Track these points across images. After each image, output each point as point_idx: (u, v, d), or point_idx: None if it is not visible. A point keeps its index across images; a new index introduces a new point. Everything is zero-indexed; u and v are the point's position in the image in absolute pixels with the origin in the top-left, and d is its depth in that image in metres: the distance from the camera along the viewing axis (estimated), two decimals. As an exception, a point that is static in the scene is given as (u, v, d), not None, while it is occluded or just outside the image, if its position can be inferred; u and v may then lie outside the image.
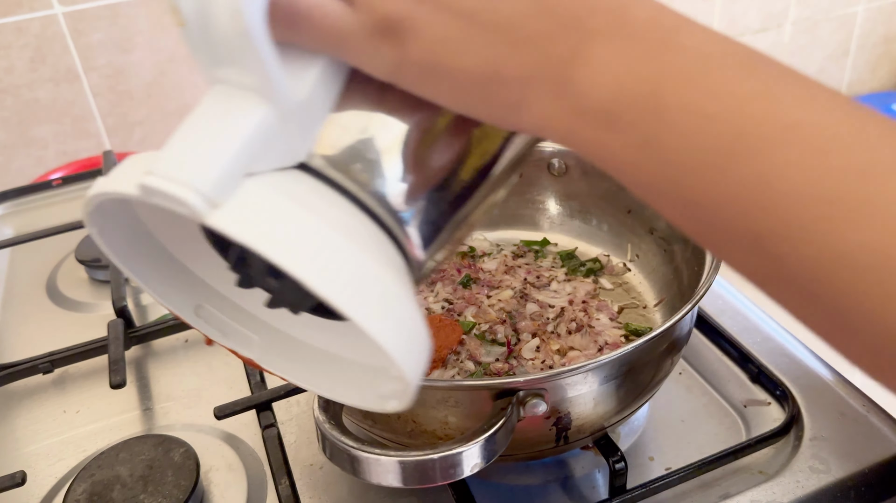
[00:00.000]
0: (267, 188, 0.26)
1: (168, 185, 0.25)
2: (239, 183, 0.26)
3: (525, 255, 0.64)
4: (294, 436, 0.54)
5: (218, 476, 0.51)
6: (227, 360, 0.62)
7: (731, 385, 0.55)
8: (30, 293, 0.74)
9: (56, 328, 0.69)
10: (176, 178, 0.25)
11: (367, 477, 0.37)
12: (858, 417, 0.50)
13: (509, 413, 0.38)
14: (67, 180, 0.92)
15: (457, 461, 0.37)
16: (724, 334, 0.58)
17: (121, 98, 1.28)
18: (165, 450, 0.49)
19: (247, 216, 0.25)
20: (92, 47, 1.22)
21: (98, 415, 0.58)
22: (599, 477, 0.49)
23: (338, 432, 0.38)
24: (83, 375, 0.63)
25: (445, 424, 0.42)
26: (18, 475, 0.49)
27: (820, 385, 0.53)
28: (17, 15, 1.16)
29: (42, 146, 1.26)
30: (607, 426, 0.46)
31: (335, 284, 0.25)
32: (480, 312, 0.58)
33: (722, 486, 0.47)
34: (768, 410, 0.53)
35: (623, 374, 0.43)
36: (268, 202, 0.26)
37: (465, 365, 0.53)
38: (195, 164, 0.25)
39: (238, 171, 0.26)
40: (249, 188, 0.26)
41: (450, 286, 0.61)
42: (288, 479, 0.47)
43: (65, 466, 0.54)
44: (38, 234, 0.79)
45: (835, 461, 0.47)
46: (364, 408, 0.32)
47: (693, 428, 0.52)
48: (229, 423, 0.55)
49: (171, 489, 0.47)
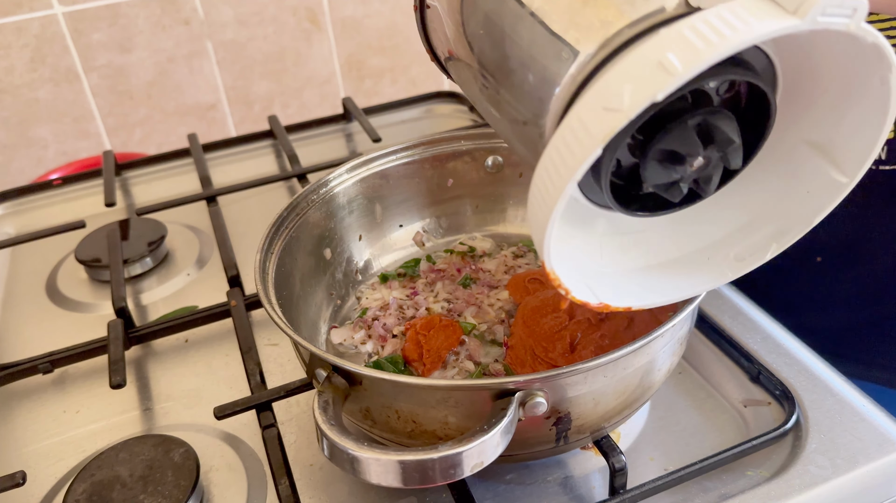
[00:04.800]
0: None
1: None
2: None
3: (525, 255, 0.64)
4: (294, 436, 0.54)
5: (218, 476, 0.51)
6: (227, 360, 0.62)
7: (731, 385, 0.55)
8: (30, 293, 0.74)
9: (56, 328, 0.69)
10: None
11: (366, 477, 0.37)
12: (858, 417, 0.50)
13: (509, 413, 0.38)
14: (67, 180, 0.91)
15: (457, 461, 0.37)
16: (724, 334, 0.58)
17: (120, 98, 1.28)
18: (165, 451, 0.49)
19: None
20: (92, 47, 1.22)
21: (98, 416, 0.58)
22: (599, 477, 0.49)
23: (338, 432, 0.38)
24: (83, 375, 0.63)
25: (445, 424, 0.42)
26: (18, 475, 0.49)
27: (820, 385, 0.53)
28: (17, 15, 1.16)
29: (42, 146, 1.26)
30: (607, 426, 0.46)
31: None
32: (480, 312, 0.58)
33: (722, 487, 0.47)
34: (768, 410, 0.52)
35: (623, 374, 0.43)
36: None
37: (465, 365, 0.53)
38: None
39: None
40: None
41: (450, 286, 0.61)
42: (288, 479, 0.47)
43: (65, 466, 0.54)
44: (38, 233, 0.79)
45: (835, 461, 0.47)
46: (723, 283, 0.38)
47: (693, 428, 0.52)
48: (229, 423, 0.55)
49: (170, 489, 0.47)
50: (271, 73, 1.36)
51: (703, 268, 0.39)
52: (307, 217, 0.57)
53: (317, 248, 0.59)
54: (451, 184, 0.66)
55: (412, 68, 1.46)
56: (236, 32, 1.30)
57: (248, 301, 0.64)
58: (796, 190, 0.36)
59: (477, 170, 0.65)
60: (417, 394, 0.42)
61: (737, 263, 0.38)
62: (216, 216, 0.76)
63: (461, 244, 0.66)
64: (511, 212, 0.67)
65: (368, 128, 0.90)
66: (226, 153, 0.95)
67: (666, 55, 0.26)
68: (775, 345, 0.57)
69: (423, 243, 0.66)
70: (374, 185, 0.63)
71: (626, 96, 0.27)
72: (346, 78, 1.42)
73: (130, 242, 0.77)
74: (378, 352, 0.56)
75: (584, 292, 0.37)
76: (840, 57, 0.30)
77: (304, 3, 1.32)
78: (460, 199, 0.67)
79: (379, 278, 0.63)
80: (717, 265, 0.39)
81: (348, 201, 0.62)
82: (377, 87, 1.46)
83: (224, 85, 1.34)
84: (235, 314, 0.63)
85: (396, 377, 0.41)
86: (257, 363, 0.57)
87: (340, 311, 0.60)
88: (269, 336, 0.64)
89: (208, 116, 1.35)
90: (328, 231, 0.60)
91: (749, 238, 0.38)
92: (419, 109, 1.02)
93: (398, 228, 0.66)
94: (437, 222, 0.67)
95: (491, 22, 0.36)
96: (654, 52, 0.27)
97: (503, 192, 0.66)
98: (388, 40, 1.42)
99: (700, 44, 0.26)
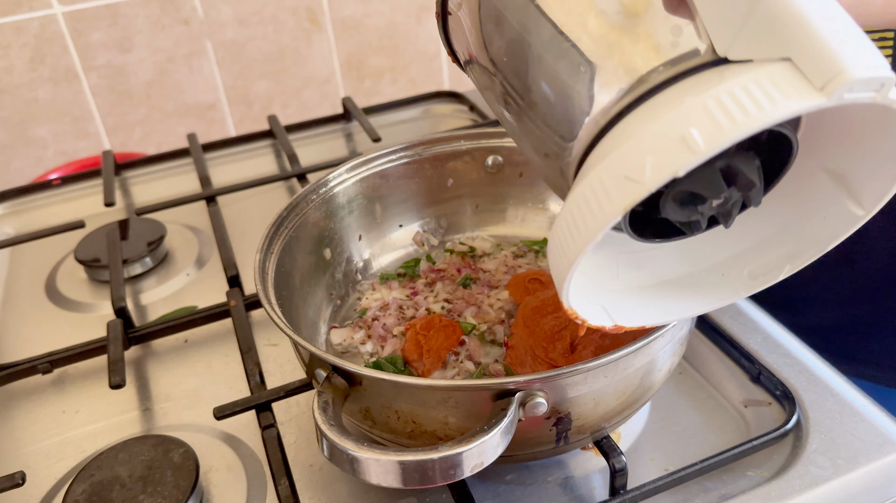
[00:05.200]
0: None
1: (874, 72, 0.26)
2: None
3: (525, 255, 0.64)
4: (294, 437, 0.54)
5: (217, 476, 0.51)
6: (227, 361, 0.62)
7: (731, 385, 0.55)
8: (29, 293, 0.74)
9: (55, 328, 0.69)
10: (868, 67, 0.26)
11: (366, 477, 0.37)
12: (859, 418, 0.50)
13: (509, 413, 0.38)
14: (67, 180, 0.91)
15: (457, 462, 0.37)
16: (724, 334, 0.57)
17: (120, 98, 1.28)
18: (165, 451, 0.49)
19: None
20: (91, 47, 1.22)
21: (97, 416, 0.58)
22: (599, 477, 0.49)
23: (337, 432, 0.38)
24: (82, 376, 0.62)
25: (445, 425, 0.42)
26: (18, 475, 0.49)
27: (821, 385, 0.53)
28: (17, 14, 1.16)
29: (41, 146, 1.26)
30: (608, 426, 0.45)
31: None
32: (480, 312, 0.58)
33: (722, 487, 0.47)
34: (769, 411, 0.52)
35: (624, 375, 0.43)
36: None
37: (465, 365, 0.53)
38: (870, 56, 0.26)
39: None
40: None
41: (450, 286, 0.61)
42: (287, 480, 0.47)
43: (64, 467, 0.54)
44: (38, 233, 0.78)
45: (835, 462, 0.47)
46: (734, 301, 0.38)
47: (693, 428, 0.52)
48: (229, 424, 0.55)
49: (170, 490, 0.47)
50: (271, 72, 1.36)
51: (717, 285, 0.39)
52: (307, 217, 0.57)
53: (316, 248, 0.59)
54: (450, 184, 0.66)
55: (412, 68, 1.46)
56: (236, 32, 1.30)
57: (248, 301, 0.64)
58: (813, 215, 0.36)
59: (477, 169, 0.65)
60: (417, 395, 0.42)
61: (750, 281, 0.38)
62: (216, 216, 0.76)
63: (461, 244, 0.66)
64: (511, 212, 0.67)
65: (368, 127, 0.90)
66: (225, 153, 0.95)
67: (690, 130, 0.26)
68: (776, 345, 0.57)
69: (423, 243, 0.66)
70: (373, 185, 0.63)
71: (648, 169, 0.27)
72: (346, 77, 1.42)
73: (130, 242, 0.77)
74: (378, 352, 0.55)
75: (600, 316, 0.37)
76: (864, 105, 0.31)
77: (303, 3, 1.32)
78: (460, 199, 0.67)
79: (379, 278, 0.63)
80: (731, 282, 0.39)
81: (348, 201, 0.62)
82: (377, 86, 1.46)
83: (224, 84, 1.33)
84: (235, 314, 0.63)
85: (396, 377, 0.41)
86: (257, 363, 0.57)
87: (340, 311, 0.60)
88: (269, 336, 0.64)
89: (208, 116, 1.35)
90: (328, 231, 0.60)
91: (763, 257, 0.38)
92: (419, 109, 1.02)
93: (398, 228, 0.66)
94: (436, 222, 0.67)
95: (516, 43, 0.36)
96: (679, 125, 0.27)
97: (503, 192, 0.66)
98: (387, 40, 1.42)
99: (725, 122, 0.26)
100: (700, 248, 0.40)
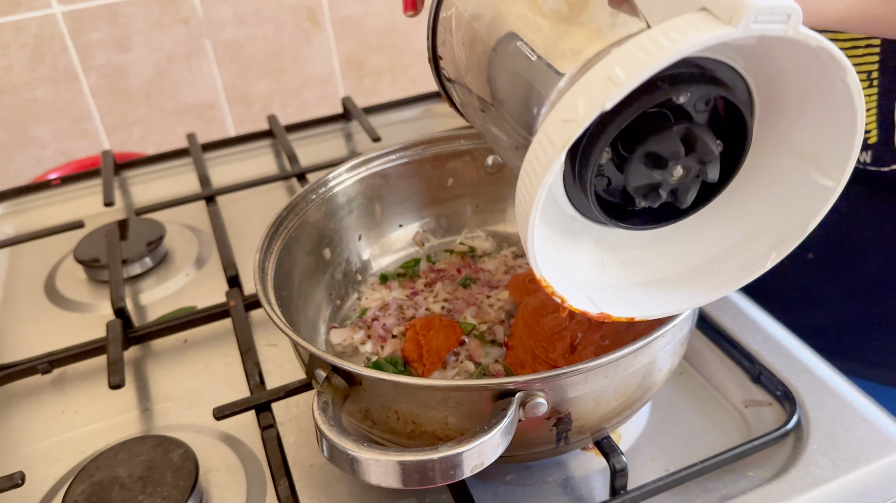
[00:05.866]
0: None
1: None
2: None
3: (525, 255, 0.64)
4: (293, 437, 0.54)
5: (217, 477, 0.51)
6: (227, 361, 0.62)
7: (732, 385, 0.55)
8: (28, 293, 0.74)
9: (55, 328, 0.69)
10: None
11: (366, 477, 0.37)
12: (859, 418, 0.50)
13: (510, 414, 0.38)
14: (66, 180, 0.91)
15: (457, 462, 0.37)
16: (724, 334, 0.57)
17: (119, 98, 1.27)
18: (164, 451, 0.49)
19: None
20: (90, 47, 1.22)
21: (97, 416, 0.58)
22: (600, 478, 0.49)
23: (337, 433, 0.38)
24: (82, 376, 0.62)
25: (445, 425, 0.42)
26: (17, 476, 0.49)
27: (821, 386, 0.53)
28: (16, 14, 1.15)
29: (41, 146, 1.26)
30: (608, 427, 0.45)
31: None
32: (480, 313, 0.58)
33: (723, 488, 0.47)
34: (769, 411, 0.52)
35: (624, 375, 0.43)
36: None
37: (465, 365, 0.53)
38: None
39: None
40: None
41: (450, 286, 0.61)
42: (287, 480, 0.47)
43: (63, 467, 0.54)
44: (37, 233, 0.78)
45: (836, 462, 0.47)
46: (727, 293, 0.39)
47: (694, 428, 0.52)
48: (228, 424, 0.55)
49: (170, 490, 0.47)
50: (270, 72, 1.36)
51: (707, 279, 0.41)
52: (306, 217, 0.57)
53: (316, 248, 0.59)
54: (450, 183, 0.65)
55: (412, 68, 1.46)
56: (235, 31, 1.30)
57: (248, 301, 0.64)
58: (788, 199, 0.38)
59: (477, 169, 0.65)
60: (417, 395, 0.42)
61: (739, 273, 0.39)
62: (215, 216, 0.76)
63: (461, 244, 0.66)
64: (511, 211, 0.67)
65: (368, 127, 0.89)
66: (225, 153, 0.95)
67: (613, 69, 0.29)
68: (776, 345, 0.57)
69: (423, 243, 0.66)
70: (373, 185, 0.63)
71: (580, 108, 0.30)
72: (346, 77, 1.42)
73: (129, 242, 0.77)
74: (378, 352, 0.55)
75: (584, 302, 0.38)
76: (803, 67, 0.33)
77: (303, 3, 1.32)
78: (460, 199, 0.66)
79: (379, 278, 0.63)
80: (721, 276, 0.40)
81: (348, 201, 0.62)
82: (377, 86, 1.45)
83: (223, 84, 1.33)
84: (234, 314, 0.62)
85: (396, 377, 0.41)
86: (256, 363, 0.57)
87: (340, 312, 0.60)
88: (269, 336, 0.64)
89: (207, 116, 1.35)
90: (328, 231, 0.60)
91: (749, 249, 0.39)
92: (419, 109, 1.02)
93: (398, 228, 0.66)
94: (436, 222, 0.67)
95: (485, 56, 0.40)
96: (605, 68, 0.30)
97: (503, 192, 0.66)
98: (387, 39, 1.41)
99: (642, 56, 0.29)
100: (688, 246, 0.41)
